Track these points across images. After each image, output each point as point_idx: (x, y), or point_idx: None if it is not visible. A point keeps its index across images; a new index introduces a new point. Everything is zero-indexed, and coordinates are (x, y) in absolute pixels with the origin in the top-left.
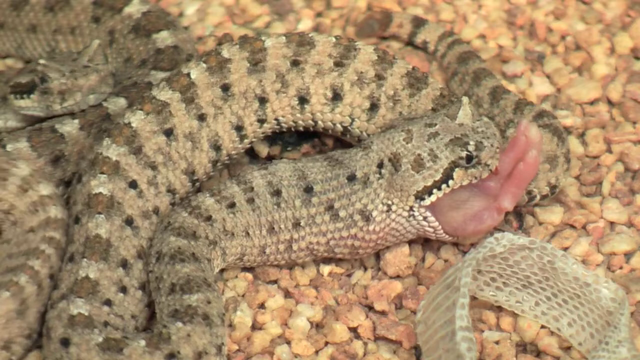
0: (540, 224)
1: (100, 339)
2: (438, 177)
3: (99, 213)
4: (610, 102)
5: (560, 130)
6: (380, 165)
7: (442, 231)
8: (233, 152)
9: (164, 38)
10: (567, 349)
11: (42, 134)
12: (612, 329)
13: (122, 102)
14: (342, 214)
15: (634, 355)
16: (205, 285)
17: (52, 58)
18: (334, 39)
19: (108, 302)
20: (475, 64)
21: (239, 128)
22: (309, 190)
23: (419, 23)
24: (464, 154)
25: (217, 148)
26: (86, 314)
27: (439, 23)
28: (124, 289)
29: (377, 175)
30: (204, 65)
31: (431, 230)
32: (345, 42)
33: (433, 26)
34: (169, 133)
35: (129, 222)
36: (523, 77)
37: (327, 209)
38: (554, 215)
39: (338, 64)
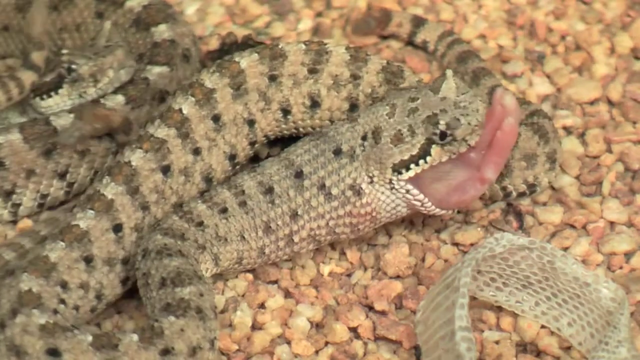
0: (541, 224)
1: (90, 338)
2: (415, 151)
3: (62, 241)
4: (610, 102)
5: (545, 130)
6: (364, 138)
7: (430, 204)
8: (223, 181)
9: (161, 31)
10: (567, 349)
11: (35, 126)
12: (611, 329)
13: (119, 99)
14: (334, 191)
15: (634, 356)
16: (196, 277)
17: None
18: (303, 46)
19: (55, 311)
20: (475, 63)
21: (232, 157)
22: (299, 175)
23: (418, 22)
24: (437, 131)
25: (208, 180)
26: (51, 321)
27: (439, 23)
28: (63, 302)
29: (362, 148)
30: (192, 98)
31: (418, 204)
32: (316, 46)
33: (433, 26)
34: (166, 170)
35: (88, 260)
36: (523, 77)
37: (320, 188)
38: (554, 215)
39: (312, 71)
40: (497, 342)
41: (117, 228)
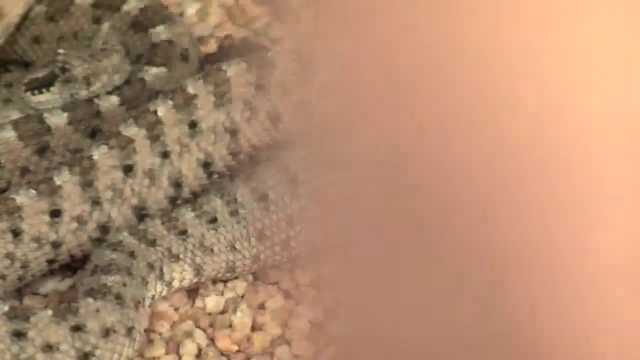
0: None
1: (6, 308)
2: None
3: None
4: None
5: None
6: None
7: None
8: (197, 188)
9: (159, 32)
10: None
11: (29, 123)
12: None
13: (114, 99)
14: None
15: None
16: (126, 272)
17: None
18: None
19: None
20: None
21: (207, 165)
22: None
23: None
24: None
25: (177, 185)
26: None
27: None
28: None
29: None
30: (170, 102)
31: None
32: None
33: None
34: (128, 169)
35: (17, 234)
36: None
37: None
38: None
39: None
40: None
41: (55, 213)
